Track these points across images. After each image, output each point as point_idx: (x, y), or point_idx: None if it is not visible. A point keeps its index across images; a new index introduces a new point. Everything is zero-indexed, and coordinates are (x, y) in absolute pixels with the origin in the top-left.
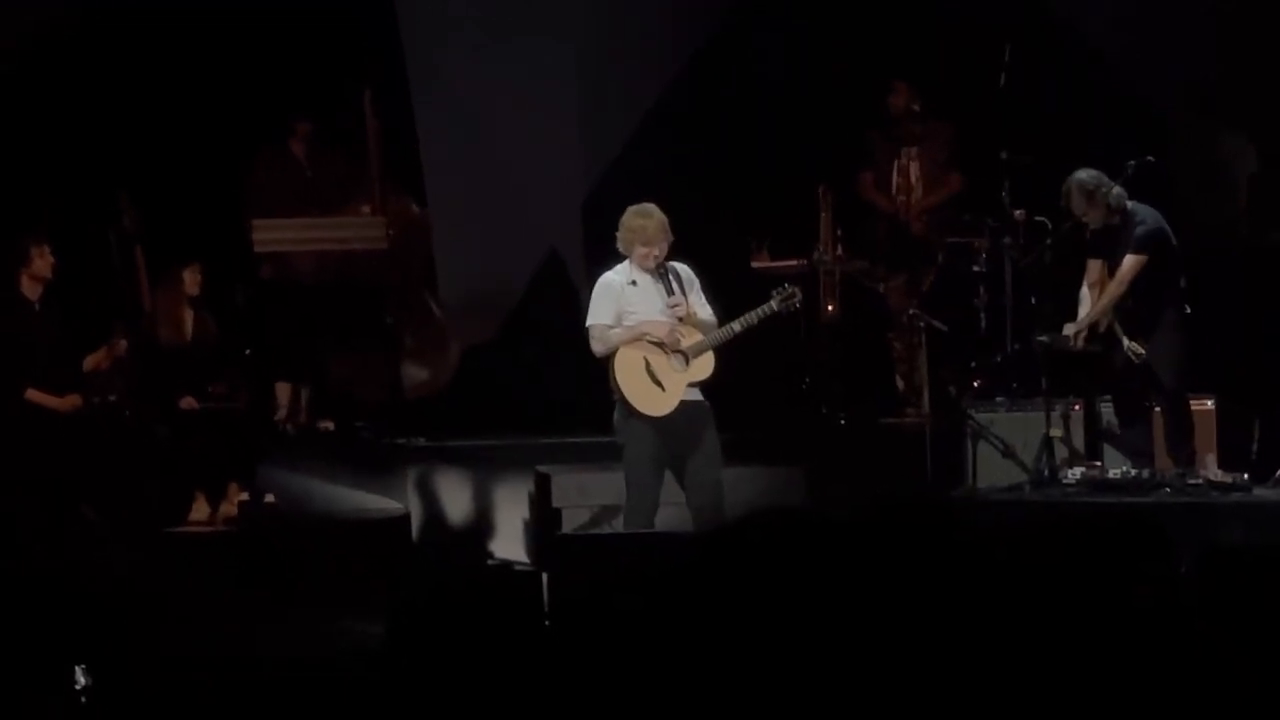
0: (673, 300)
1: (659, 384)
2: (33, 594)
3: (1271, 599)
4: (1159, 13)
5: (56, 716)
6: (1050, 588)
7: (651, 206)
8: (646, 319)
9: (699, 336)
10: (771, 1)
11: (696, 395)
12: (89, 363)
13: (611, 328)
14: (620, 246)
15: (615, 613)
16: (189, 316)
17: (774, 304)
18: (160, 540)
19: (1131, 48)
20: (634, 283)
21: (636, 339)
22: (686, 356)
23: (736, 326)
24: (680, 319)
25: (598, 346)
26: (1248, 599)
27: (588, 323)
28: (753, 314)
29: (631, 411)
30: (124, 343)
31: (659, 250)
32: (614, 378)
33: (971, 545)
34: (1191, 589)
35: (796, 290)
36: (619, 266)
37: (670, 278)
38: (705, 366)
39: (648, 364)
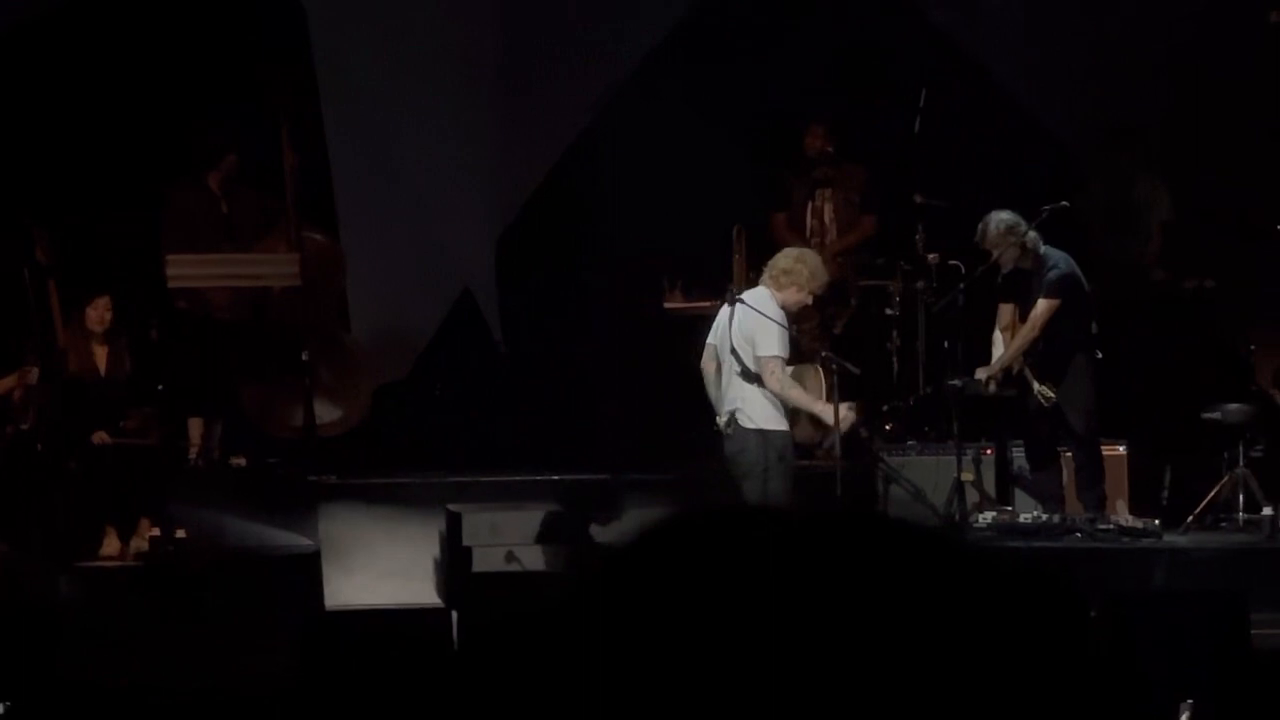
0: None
1: None
2: None
3: (1179, 643)
4: (1072, 57)
5: None
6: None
7: None
8: None
9: None
10: (685, 41)
11: None
12: None
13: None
14: (779, 280)
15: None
16: (102, 350)
17: None
18: (71, 573)
19: (1045, 92)
20: None
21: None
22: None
23: None
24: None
25: (782, 385)
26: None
27: (777, 353)
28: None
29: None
30: (35, 370)
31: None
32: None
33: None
34: (1101, 633)
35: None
36: (766, 296)
37: None
38: None
39: None
